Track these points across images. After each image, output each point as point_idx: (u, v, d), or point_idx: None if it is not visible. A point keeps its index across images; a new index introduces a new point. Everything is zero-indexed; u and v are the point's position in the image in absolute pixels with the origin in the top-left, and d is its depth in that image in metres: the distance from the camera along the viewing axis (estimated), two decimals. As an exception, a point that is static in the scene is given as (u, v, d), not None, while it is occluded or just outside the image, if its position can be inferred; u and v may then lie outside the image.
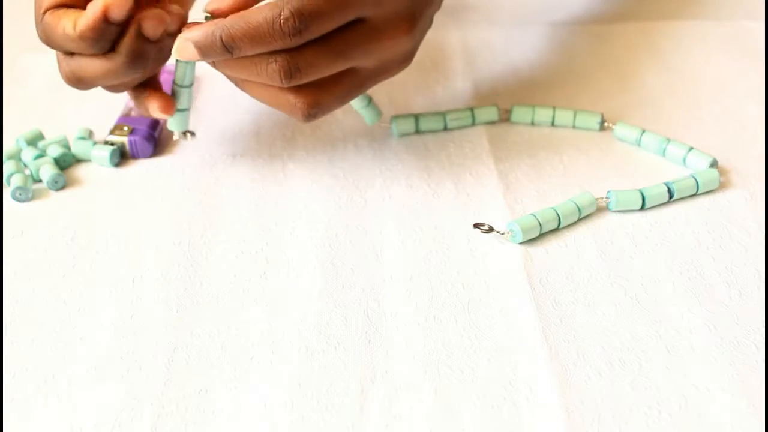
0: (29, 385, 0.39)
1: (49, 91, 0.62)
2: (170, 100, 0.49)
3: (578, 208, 0.47)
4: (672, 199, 0.48)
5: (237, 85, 0.47)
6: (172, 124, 0.49)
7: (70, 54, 0.47)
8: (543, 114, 0.55)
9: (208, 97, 0.60)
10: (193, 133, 0.50)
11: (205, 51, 0.42)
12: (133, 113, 0.56)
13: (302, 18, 0.41)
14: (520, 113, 0.55)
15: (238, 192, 0.51)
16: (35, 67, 0.64)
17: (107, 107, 0.58)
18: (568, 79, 0.60)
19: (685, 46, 0.64)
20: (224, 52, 0.42)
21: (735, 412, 0.37)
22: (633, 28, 0.66)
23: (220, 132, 0.56)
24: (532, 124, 0.56)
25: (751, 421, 0.36)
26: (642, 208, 0.48)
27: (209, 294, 0.44)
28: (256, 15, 0.41)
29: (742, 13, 0.68)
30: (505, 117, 0.56)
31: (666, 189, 0.48)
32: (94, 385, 0.39)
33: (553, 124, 0.55)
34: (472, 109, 0.55)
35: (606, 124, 0.55)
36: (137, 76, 0.48)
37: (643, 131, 0.53)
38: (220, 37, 0.41)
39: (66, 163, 0.53)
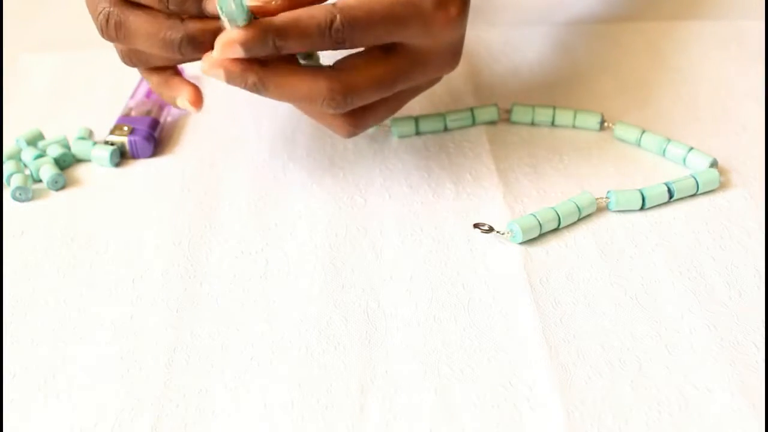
0: (29, 385, 0.39)
1: (49, 91, 0.62)
2: (200, 94, 0.48)
3: (578, 208, 0.47)
4: (672, 199, 0.48)
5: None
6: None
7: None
8: (543, 114, 0.55)
9: (208, 97, 0.60)
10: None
11: (251, 49, 0.41)
12: (133, 113, 0.56)
13: (352, 28, 0.41)
14: (520, 113, 0.55)
15: (238, 192, 0.51)
16: (35, 67, 0.64)
17: (107, 107, 0.58)
18: (568, 79, 0.60)
19: (685, 46, 0.64)
20: (271, 51, 0.41)
21: (735, 412, 0.37)
22: (633, 28, 0.66)
23: (220, 132, 0.56)
24: (532, 124, 0.56)
25: (751, 421, 0.36)
26: (642, 208, 0.48)
27: (209, 294, 0.44)
28: (308, 19, 0.40)
29: (742, 13, 0.68)
30: (505, 117, 0.56)
31: (666, 189, 0.48)
32: (94, 385, 0.39)
33: (553, 124, 0.55)
34: (472, 110, 0.55)
35: (606, 124, 0.55)
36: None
37: (643, 131, 0.53)
38: (273, 41, 0.40)
39: (66, 163, 0.53)
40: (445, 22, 0.43)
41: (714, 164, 0.51)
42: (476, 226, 0.46)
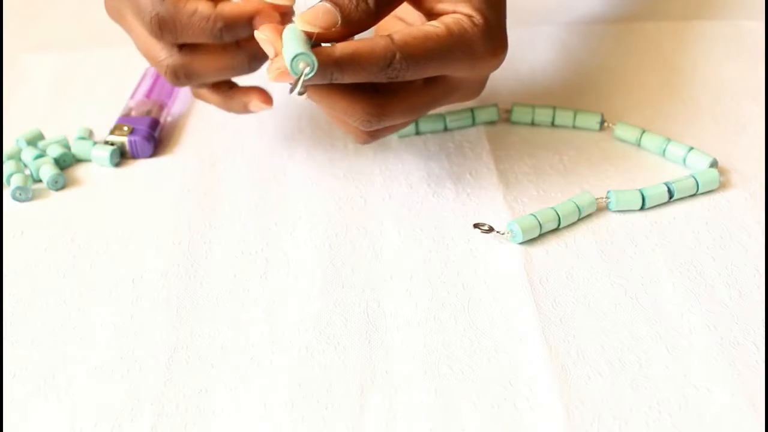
0: (29, 385, 0.39)
1: (49, 91, 0.62)
2: (267, 92, 0.50)
3: (578, 208, 0.47)
4: (672, 199, 0.48)
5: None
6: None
7: (180, 47, 0.47)
8: (543, 114, 0.55)
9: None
10: (305, 91, 0.42)
11: (310, 81, 0.41)
12: (133, 113, 0.56)
13: (408, 67, 0.41)
14: (520, 113, 0.55)
15: (238, 192, 0.51)
16: (35, 67, 0.64)
17: (107, 107, 0.58)
18: (568, 79, 0.60)
19: (685, 46, 0.64)
20: (328, 81, 0.41)
21: (735, 412, 0.37)
22: (633, 28, 0.66)
23: (220, 132, 0.56)
24: (532, 124, 0.56)
25: (751, 421, 0.36)
26: (642, 208, 0.48)
27: (209, 294, 0.44)
28: (368, 55, 0.40)
29: (742, 13, 0.68)
30: (505, 117, 0.56)
31: (666, 189, 0.48)
32: (94, 385, 0.39)
33: (553, 124, 0.55)
34: (472, 110, 0.55)
35: (606, 124, 0.55)
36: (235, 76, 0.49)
37: (643, 131, 0.53)
38: (331, 74, 0.40)
39: (66, 163, 0.53)
40: (492, 61, 0.43)
41: (714, 164, 0.51)
42: (476, 226, 0.46)
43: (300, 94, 0.40)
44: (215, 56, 0.47)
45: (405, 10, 0.46)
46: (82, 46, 0.66)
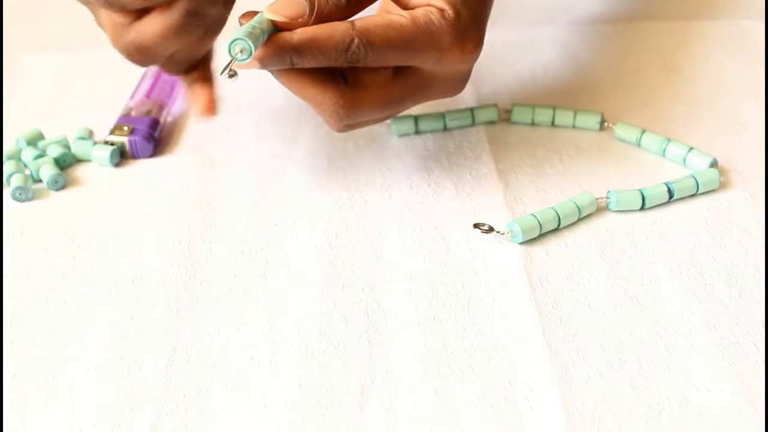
0: (29, 385, 0.39)
1: (49, 91, 0.62)
2: (214, 101, 0.50)
3: (578, 208, 0.47)
4: (672, 199, 0.48)
5: (277, 76, 0.45)
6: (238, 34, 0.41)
7: (127, 22, 0.47)
8: (543, 114, 0.55)
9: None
10: (235, 74, 0.43)
11: (268, 65, 0.42)
12: (133, 113, 0.56)
13: (367, 52, 0.41)
14: (520, 113, 0.55)
15: (238, 192, 0.51)
16: (35, 67, 0.64)
17: (107, 107, 0.58)
18: (568, 79, 0.60)
19: (685, 46, 0.64)
20: (287, 66, 0.42)
21: (735, 412, 0.37)
22: (633, 28, 0.66)
23: (220, 132, 0.56)
24: (532, 124, 0.56)
25: (751, 421, 0.36)
26: (642, 208, 0.48)
27: (209, 294, 0.44)
28: (326, 40, 0.41)
29: (742, 13, 0.68)
30: (505, 117, 0.56)
31: (666, 189, 0.48)
32: (94, 385, 0.39)
33: (553, 124, 0.55)
34: (471, 109, 0.55)
35: (606, 124, 0.55)
36: (191, 48, 0.48)
37: (643, 131, 0.53)
38: (290, 58, 0.41)
39: (66, 163, 0.53)
40: (460, 56, 0.43)
41: (714, 164, 0.51)
42: (476, 226, 0.46)
43: (230, 76, 0.41)
44: (153, 22, 0.46)
45: (392, 9, 0.47)
46: (82, 47, 0.66)
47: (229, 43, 0.40)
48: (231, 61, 0.40)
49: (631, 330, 0.41)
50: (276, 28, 0.41)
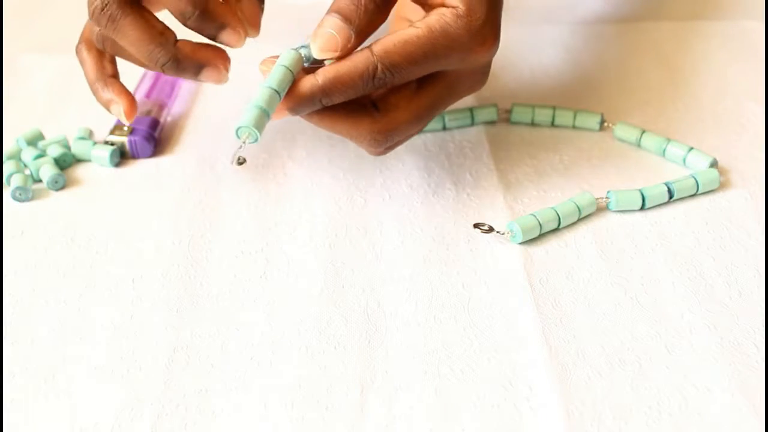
0: (29, 385, 0.39)
1: (49, 91, 0.62)
2: (135, 106, 0.48)
3: (578, 208, 0.47)
4: (672, 199, 0.48)
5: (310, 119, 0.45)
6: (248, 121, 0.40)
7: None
8: (543, 114, 0.55)
9: (209, 97, 0.60)
10: (244, 161, 0.43)
11: (299, 112, 0.42)
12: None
13: (393, 74, 0.41)
14: (520, 113, 0.55)
15: (238, 192, 0.51)
16: (35, 67, 0.64)
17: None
18: (568, 79, 0.60)
19: (685, 46, 0.64)
20: (318, 107, 0.42)
21: (735, 412, 0.37)
22: (634, 28, 0.66)
23: (220, 132, 0.56)
24: (532, 124, 0.56)
25: (751, 421, 0.36)
26: (642, 208, 0.48)
27: (209, 294, 0.44)
28: (350, 74, 0.41)
29: (742, 13, 0.68)
30: (505, 117, 0.56)
31: (666, 189, 0.48)
32: (94, 385, 0.39)
33: (553, 124, 0.55)
34: (471, 109, 0.55)
35: (606, 124, 0.55)
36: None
37: (643, 131, 0.53)
38: (320, 100, 0.41)
39: (66, 163, 0.53)
40: (482, 51, 0.43)
41: (714, 164, 0.51)
42: (476, 226, 0.46)
43: (239, 163, 0.42)
44: (146, 29, 0.44)
45: (409, 10, 0.46)
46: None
47: (236, 128, 0.40)
48: (239, 147, 0.41)
49: (631, 330, 0.41)
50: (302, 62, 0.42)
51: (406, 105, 0.44)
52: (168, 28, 0.45)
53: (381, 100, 0.44)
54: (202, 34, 0.44)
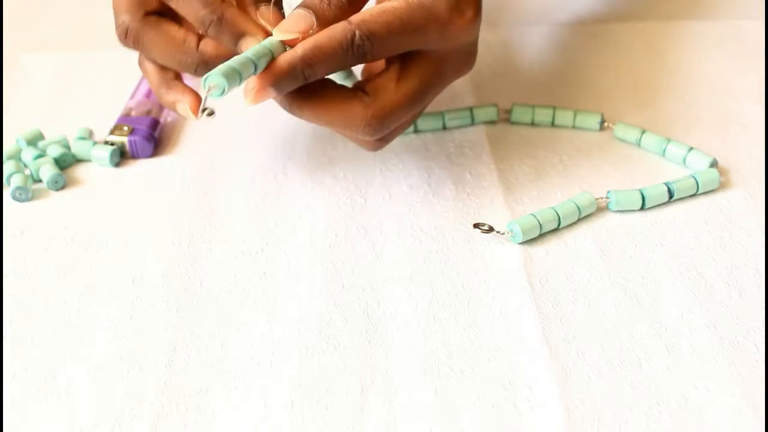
0: (29, 385, 0.39)
1: (49, 91, 0.62)
2: (199, 102, 0.48)
3: (578, 208, 0.47)
4: (672, 199, 0.48)
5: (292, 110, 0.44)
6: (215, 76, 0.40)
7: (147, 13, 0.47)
8: (543, 114, 0.55)
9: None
10: (213, 112, 0.46)
11: (283, 87, 0.41)
12: (133, 113, 0.56)
13: (371, 41, 0.41)
14: (520, 113, 0.55)
15: (238, 192, 0.51)
16: (35, 67, 0.64)
17: (107, 107, 0.58)
18: (568, 79, 0.60)
19: (684, 46, 0.64)
20: (302, 82, 0.41)
21: (735, 412, 0.37)
22: (633, 28, 0.66)
23: (220, 132, 0.56)
24: (532, 124, 0.56)
25: (751, 421, 0.36)
26: (642, 208, 0.48)
27: (209, 294, 0.44)
28: (329, 42, 0.41)
29: (742, 13, 0.68)
30: (505, 117, 0.56)
31: (666, 189, 0.48)
32: (94, 385, 0.39)
33: (553, 124, 0.55)
34: (471, 109, 0.55)
35: (606, 124, 0.55)
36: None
37: (643, 131, 0.53)
38: (302, 71, 0.41)
39: (66, 163, 0.53)
40: (461, 25, 0.43)
41: (714, 164, 0.51)
42: (476, 226, 0.46)
43: (208, 114, 0.43)
44: (169, 40, 0.46)
45: None
46: (82, 47, 0.66)
47: (203, 81, 0.39)
48: (205, 97, 0.40)
49: (631, 330, 0.41)
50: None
51: (395, 87, 0.44)
52: (189, 33, 0.46)
53: (368, 84, 0.44)
54: (222, 43, 0.44)
